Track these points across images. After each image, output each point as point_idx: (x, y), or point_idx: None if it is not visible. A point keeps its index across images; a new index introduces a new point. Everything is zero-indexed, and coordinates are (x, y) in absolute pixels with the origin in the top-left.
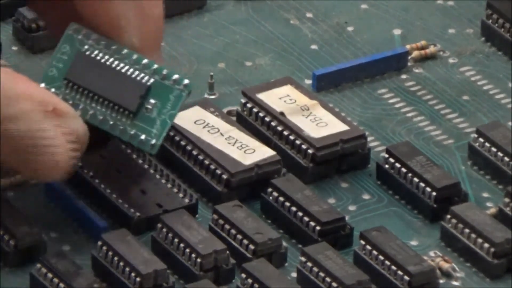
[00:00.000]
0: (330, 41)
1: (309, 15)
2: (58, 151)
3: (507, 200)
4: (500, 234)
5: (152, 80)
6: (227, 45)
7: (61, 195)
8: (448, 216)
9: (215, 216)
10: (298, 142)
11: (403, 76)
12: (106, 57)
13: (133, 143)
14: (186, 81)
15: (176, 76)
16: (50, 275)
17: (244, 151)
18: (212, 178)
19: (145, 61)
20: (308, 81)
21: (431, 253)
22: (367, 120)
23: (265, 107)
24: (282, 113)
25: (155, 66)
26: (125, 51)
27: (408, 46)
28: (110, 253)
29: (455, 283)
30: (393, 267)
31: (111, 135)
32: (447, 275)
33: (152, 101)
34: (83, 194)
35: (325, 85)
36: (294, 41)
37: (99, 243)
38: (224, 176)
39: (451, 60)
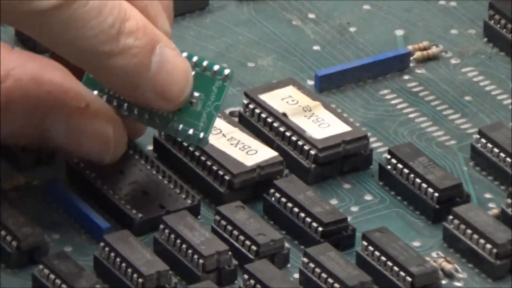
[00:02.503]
0: (332, 41)
1: (311, 15)
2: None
3: (509, 201)
4: (503, 235)
5: (193, 72)
6: (229, 46)
7: (63, 196)
8: (451, 217)
9: (218, 217)
10: (300, 143)
11: (406, 77)
12: None
13: (181, 138)
14: (227, 71)
15: (216, 67)
16: (52, 276)
17: (247, 152)
18: (215, 179)
19: (185, 54)
20: (311, 82)
21: (434, 254)
22: (370, 121)
23: (267, 108)
24: (284, 114)
25: (195, 58)
26: None
27: (410, 47)
28: (112, 254)
29: (457, 284)
30: (396, 268)
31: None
32: (450, 276)
33: (195, 94)
34: (86, 195)
35: (328, 86)
36: (296, 42)
37: (101, 244)
38: (227, 177)
39: (453, 61)
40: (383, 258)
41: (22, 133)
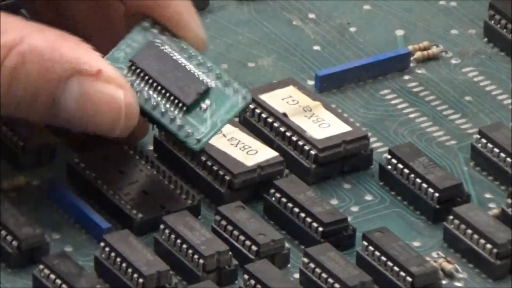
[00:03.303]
0: (332, 42)
1: (311, 15)
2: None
3: (509, 201)
4: (503, 235)
5: (213, 83)
6: (229, 46)
7: (63, 196)
8: (451, 217)
9: (218, 217)
10: (300, 143)
11: (406, 77)
12: (174, 52)
13: (179, 134)
14: (244, 91)
15: (236, 85)
16: (52, 276)
17: (247, 152)
18: (215, 179)
19: (210, 65)
20: (311, 82)
21: (434, 254)
22: (370, 121)
23: (267, 108)
24: (284, 114)
25: (218, 71)
26: (191, 51)
27: (410, 47)
28: (112, 254)
29: (457, 284)
30: (396, 268)
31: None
32: (450, 276)
33: (207, 102)
34: (86, 195)
35: (328, 86)
36: (296, 42)
37: (102, 244)
38: (227, 177)
39: (453, 61)
40: (384, 258)
41: (34, 101)
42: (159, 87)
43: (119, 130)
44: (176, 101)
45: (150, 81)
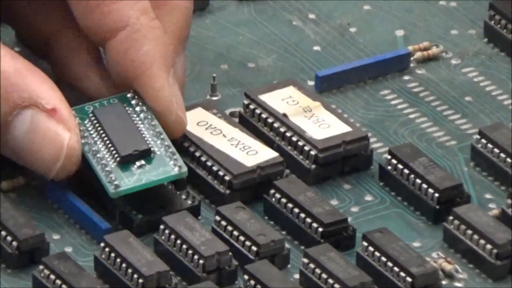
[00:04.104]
0: (332, 42)
1: (311, 16)
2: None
3: (509, 201)
4: (503, 235)
5: (156, 149)
6: (229, 46)
7: (63, 197)
8: (451, 218)
9: (218, 218)
10: (300, 143)
11: (406, 77)
12: (137, 118)
13: (102, 177)
14: (182, 165)
15: (176, 157)
16: (52, 276)
17: (247, 153)
18: (215, 180)
19: (164, 137)
20: (311, 83)
21: (434, 255)
22: (370, 121)
23: (267, 109)
24: (284, 115)
25: (167, 142)
26: (155, 122)
27: (410, 47)
28: (112, 254)
29: (457, 284)
30: (396, 269)
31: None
32: (450, 276)
33: (143, 162)
34: (86, 195)
35: (328, 87)
36: (296, 42)
37: (102, 244)
38: (227, 178)
39: (453, 61)
40: (384, 259)
41: None
42: (105, 138)
43: (55, 171)
44: (114, 151)
45: (101, 132)
